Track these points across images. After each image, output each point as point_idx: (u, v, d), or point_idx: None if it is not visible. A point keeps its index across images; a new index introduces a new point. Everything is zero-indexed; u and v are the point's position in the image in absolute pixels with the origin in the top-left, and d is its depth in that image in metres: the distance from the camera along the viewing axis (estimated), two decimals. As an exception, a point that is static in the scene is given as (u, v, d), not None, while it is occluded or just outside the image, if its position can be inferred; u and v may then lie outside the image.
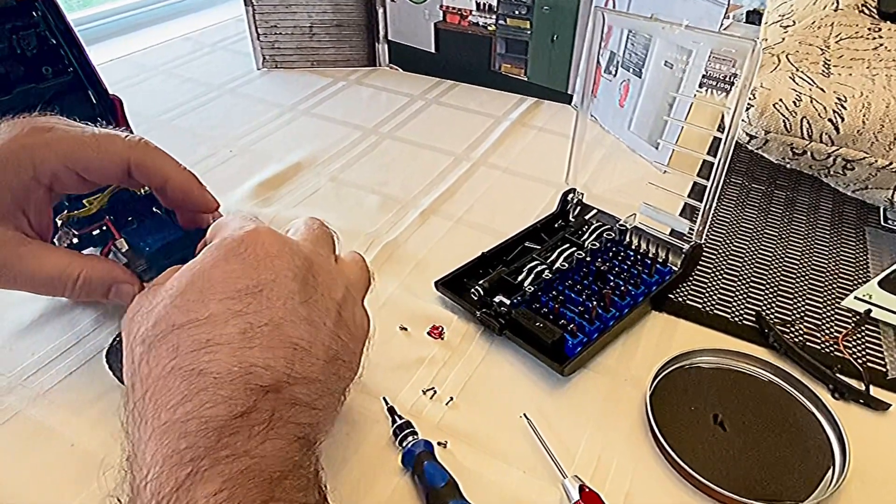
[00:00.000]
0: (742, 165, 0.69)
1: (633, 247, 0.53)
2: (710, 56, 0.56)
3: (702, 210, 0.48)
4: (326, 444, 0.30)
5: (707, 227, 0.49)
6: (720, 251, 0.56)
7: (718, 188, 0.46)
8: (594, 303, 0.45)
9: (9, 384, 0.41)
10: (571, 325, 0.43)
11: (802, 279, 0.53)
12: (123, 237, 0.41)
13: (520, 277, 0.48)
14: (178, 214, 0.40)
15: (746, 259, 0.55)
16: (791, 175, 0.66)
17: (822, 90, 0.58)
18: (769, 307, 0.49)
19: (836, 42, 0.71)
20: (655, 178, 0.56)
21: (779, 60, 0.66)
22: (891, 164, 0.54)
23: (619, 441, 0.39)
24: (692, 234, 0.50)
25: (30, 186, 0.33)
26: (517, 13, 0.78)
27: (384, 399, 0.40)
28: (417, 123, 0.77)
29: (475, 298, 0.47)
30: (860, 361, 0.44)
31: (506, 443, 0.39)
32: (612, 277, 0.48)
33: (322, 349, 0.29)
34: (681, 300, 0.50)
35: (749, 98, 0.58)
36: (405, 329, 0.47)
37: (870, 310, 0.48)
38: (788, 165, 0.60)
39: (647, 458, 0.38)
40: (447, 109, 0.81)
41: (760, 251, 0.56)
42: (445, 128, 0.76)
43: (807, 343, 0.46)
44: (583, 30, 0.75)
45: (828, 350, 0.46)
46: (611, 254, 0.51)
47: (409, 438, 0.37)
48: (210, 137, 0.72)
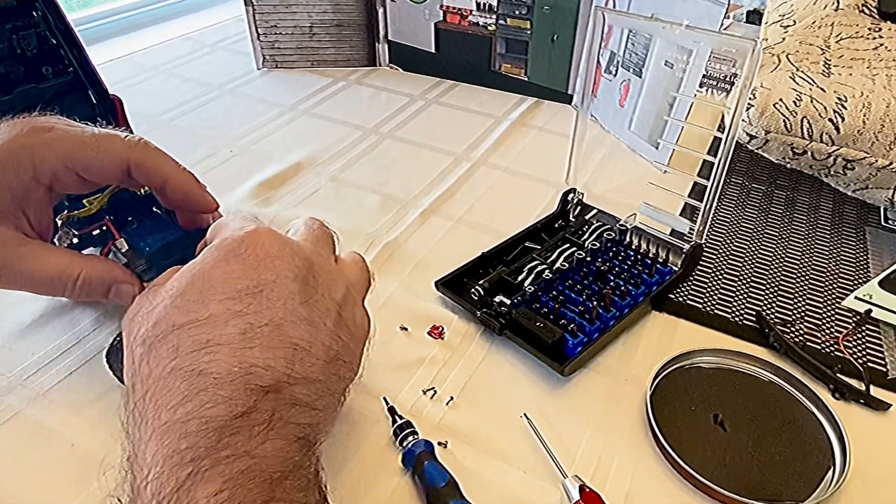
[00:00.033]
0: (742, 165, 0.69)
1: (634, 247, 0.53)
2: (711, 56, 0.56)
3: (702, 210, 0.48)
4: (326, 444, 0.30)
5: (707, 227, 0.49)
6: (720, 251, 0.56)
7: (719, 188, 0.46)
8: (594, 303, 0.45)
9: (9, 384, 0.41)
10: (572, 325, 0.43)
11: (803, 279, 0.53)
12: (123, 237, 0.41)
13: (520, 277, 0.48)
14: (178, 214, 0.40)
15: (747, 259, 0.55)
16: (791, 175, 0.66)
17: (823, 90, 0.58)
18: (769, 307, 0.49)
19: (837, 42, 0.71)
20: (655, 178, 0.56)
21: (779, 60, 0.66)
22: (891, 164, 0.54)
23: (620, 441, 0.39)
24: (692, 234, 0.50)
25: (30, 186, 0.33)
26: (517, 13, 0.78)
27: (384, 399, 0.40)
28: (417, 123, 0.77)
29: (475, 298, 0.47)
30: (860, 361, 0.44)
31: (506, 443, 0.39)
32: (613, 277, 0.48)
33: (322, 349, 0.29)
34: (681, 300, 0.50)
35: (749, 98, 0.58)
36: (405, 329, 0.47)
37: (870, 310, 0.48)
38: (789, 165, 0.60)
39: (648, 458, 0.38)
40: (447, 109, 0.81)
41: (761, 251, 0.56)
42: (445, 128, 0.76)
43: (807, 343, 0.46)
44: (583, 30, 0.75)
45: (828, 350, 0.46)
46: (611, 254, 0.51)
47: (410, 438, 0.37)
48: (210, 137, 0.72)
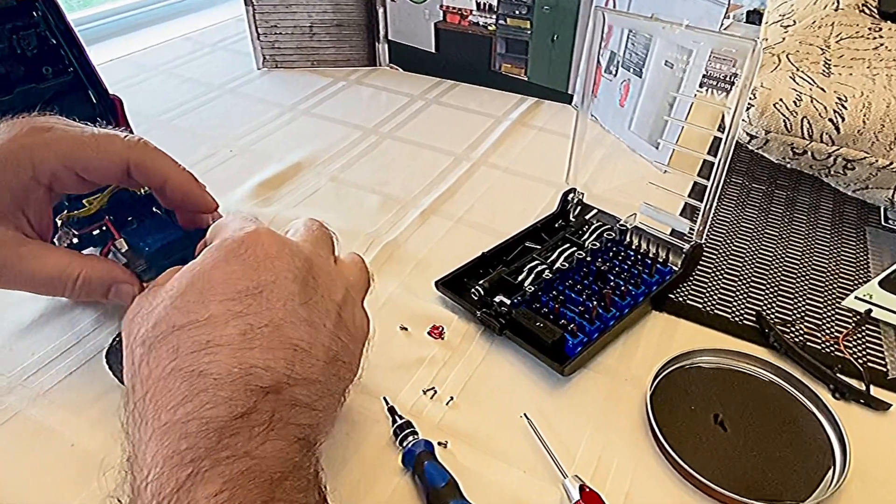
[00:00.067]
0: (742, 165, 0.69)
1: (634, 247, 0.53)
2: (711, 56, 0.56)
3: (702, 210, 0.48)
4: (326, 444, 0.30)
5: (707, 227, 0.49)
6: (720, 251, 0.56)
7: (719, 188, 0.46)
8: (594, 303, 0.45)
9: (9, 384, 0.41)
10: (571, 325, 0.43)
11: (803, 279, 0.53)
12: (123, 237, 0.41)
13: (520, 277, 0.48)
14: (178, 214, 0.40)
15: (747, 259, 0.55)
16: (791, 175, 0.66)
17: (823, 90, 0.58)
18: (769, 307, 0.49)
19: (837, 42, 0.71)
20: (656, 178, 0.56)
21: (779, 60, 0.66)
22: (891, 164, 0.54)
23: (620, 441, 0.39)
24: (692, 234, 0.50)
25: (29, 186, 0.33)
26: (517, 13, 0.78)
27: (384, 399, 0.40)
28: (417, 123, 0.77)
29: (475, 298, 0.47)
30: (860, 361, 0.44)
31: (506, 443, 0.39)
32: (613, 277, 0.48)
33: (322, 350, 0.29)
34: (681, 300, 0.50)
35: (749, 98, 0.58)
36: (405, 329, 0.46)
37: (870, 310, 0.48)
38: (789, 165, 0.60)
39: (648, 458, 0.38)
40: (447, 109, 0.81)
41: (761, 251, 0.56)
42: (445, 128, 0.76)
43: (807, 343, 0.46)
44: (583, 30, 0.75)
45: (828, 350, 0.46)
46: (611, 254, 0.51)
47: (410, 438, 0.37)
48: (210, 137, 0.72)
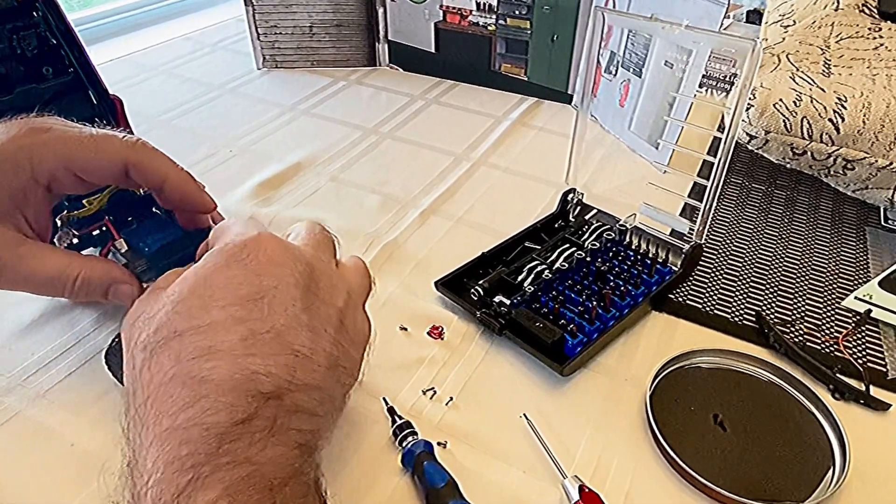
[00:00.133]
0: (742, 165, 0.69)
1: (633, 247, 0.53)
2: (710, 56, 0.56)
3: (702, 210, 0.48)
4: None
5: (707, 227, 0.49)
6: (720, 251, 0.56)
7: (718, 188, 0.46)
8: (594, 303, 0.45)
9: (9, 384, 0.41)
10: (571, 325, 0.43)
11: (802, 279, 0.53)
12: (123, 237, 0.41)
13: (520, 277, 0.48)
14: (177, 215, 0.40)
15: (746, 259, 0.55)
16: (791, 175, 0.66)
17: (823, 90, 0.58)
18: (769, 307, 0.49)
19: (837, 42, 0.71)
20: (655, 178, 0.56)
21: (779, 60, 0.66)
22: (891, 164, 0.54)
23: (619, 441, 0.39)
24: (692, 234, 0.50)
25: (28, 187, 0.33)
26: (517, 13, 0.78)
27: (384, 399, 0.40)
28: (417, 123, 0.77)
29: (475, 298, 0.47)
30: (860, 361, 0.44)
31: (506, 443, 0.39)
32: (612, 277, 0.48)
33: (323, 356, 0.28)
34: (681, 300, 0.50)
35: (749, 98, 0.58)
36: (405, 329, 0.46)
37: (870, 310, 0.48)
38: (788, 165, 0.60)
39: (647, 458, 0.38)
40: (447, 109, 0.81)
41: (760, 251, 0.56)
42: (445, 128, 0.76)
43: (807, 343, 0.46)
44: (583, 30, 0.75)
45: (828, 350, 0.46)
46: (611, 254, 0.51)
47: (409, 438, 0.37)
48: (210, 137, 0.72)
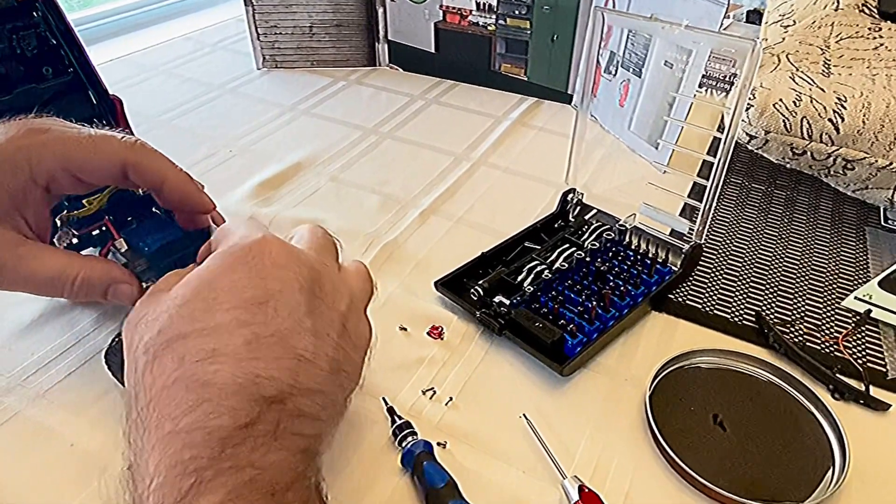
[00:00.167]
0: (742, 165, 0.69)
1: (633, 247, 0.53)
2: (710, 56, 0.56)
3: (702, 210, 0.48)
4: (325, 445, 0.30)
5: (707, 227, 0.49)
6: (720, 251, 0.56)
7: (718, 188, 0.46)
8: (594, 303, 0.45)
9: (8, 384, 0.41)
10: (571, 326, 0.43)
11: (802, 279, 0.53)
12: (123, 237, 0.41)
13: (519, 277, 0.48)
14: (177, 215, 0.40)
15: (746, 259, 0.55)
16: (791, 175, 0.66)
17: (822, 90, 0.58)
18: (769, 307, 0.49)
19: (837, 42, 0.71)
20: (655, 178, 0.56)
21: (779, 60, 0.66)
22: (891, 164, 0.54)
23: (619, 441, 0.39)
24: (692, 234, 0.50)
25: (27, 187, 0.33)
26: (517, 13, 0.78)
27: (384, 399, 0.40)
28: (417, 123, 0.77)
29: (475, 298, 0.47)
30: (860, 361, 0.44)
31: (505, 443, 0.39)
32: (612, 277, 0.48)
33: (326, 360, 0.28)
34: (681, 300, 0.50)
35: (749, 98, 0.58)
36: (405, 329, 0.46)
37: (870, 310, 0.48)
38: (788, 165, 0.60)
39: (647, 459, 0.38)
40: (447, 109, 0.81)
41: (760, 251, 0.56)
42: (445, 128, 0.76)
43: (807, 343, 0.46)
44: (583, 30, 0.75)
45: (828, 350, 0.46)
46: (610, 254, 0.51)
47: (409, 439, 0.37)
48: (210, 137, 0.72)
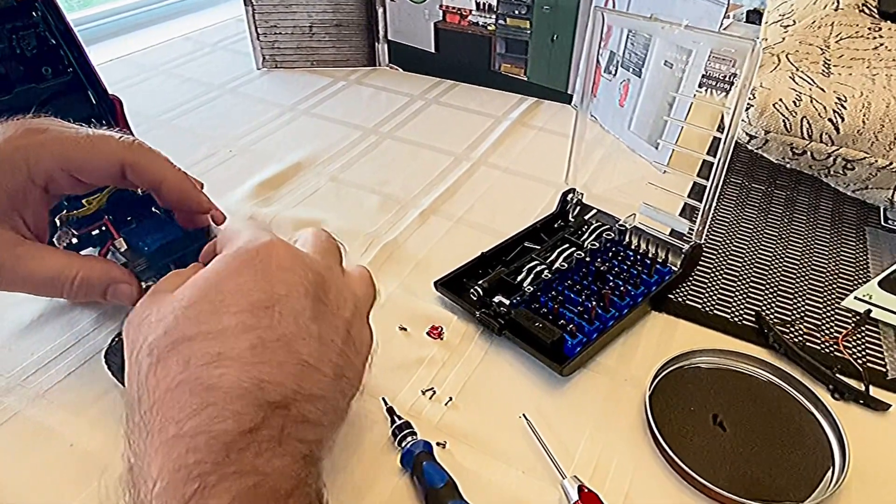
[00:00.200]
0: (742, 165, 0.69)
1: (633, 247, 0.53)
2: (710, 56, 0.56)
3: (702, 210, 0.48)
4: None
5: (707, 227, 0.49)
6: (720, 251, 0.56)
7: (718, 188, 0.46)
8: (594, 303, 0.45)
9: (8, 384, 0.41)
10: (571, 326, 0.43)
11: (802, 279, 0.53)
12: (122, 237, 0.41)
13: (519, 277, 0.48)
14: (176, 214, 0.40)
15: (746, 259, 0.55)
16: (791, 175, 0.66)
17: (822, 90, 0.58)
18: (769, 307, 0.49)
19: (837, 42, 0.71)
20: (655, 178, 0.56)
21: (779, 60, 0.66)
22: (891, 164, 0.54)
23: (619, 441, 0.39)
24: (692, 234, 0.50)
25: (25, 188, 0.33)
26: (517, 13, 0.78)
27: (383, 399, 0.40)
28: (417, 123, 0.77)
29: (475, 298, 0.47)
30: (860, 362, 0.44)
31: (505, 443, 0.39)
32: (612, 277, 0.48)
33: (330, 366, 0.28)
34: (681, 300, 0.50)
35: (749, 98, 0.58)
36: (405, 329, 0.46)
37: (870, 310, 0.48)
38: (788, 165, 0.60)
39: (647, 459, 0.38)
40: (447, 109, 0.81)
41: (760, 251, 0.56)
42: (445, 128, 0.76)
43: (807, 343, 0.46)
44: (583, 30, 0.75)
45: (828, 350, 0.46)
46: (610, 254, 0.51)
47: (408, 439, 0.37)
48: (210, 137, 0.72)
